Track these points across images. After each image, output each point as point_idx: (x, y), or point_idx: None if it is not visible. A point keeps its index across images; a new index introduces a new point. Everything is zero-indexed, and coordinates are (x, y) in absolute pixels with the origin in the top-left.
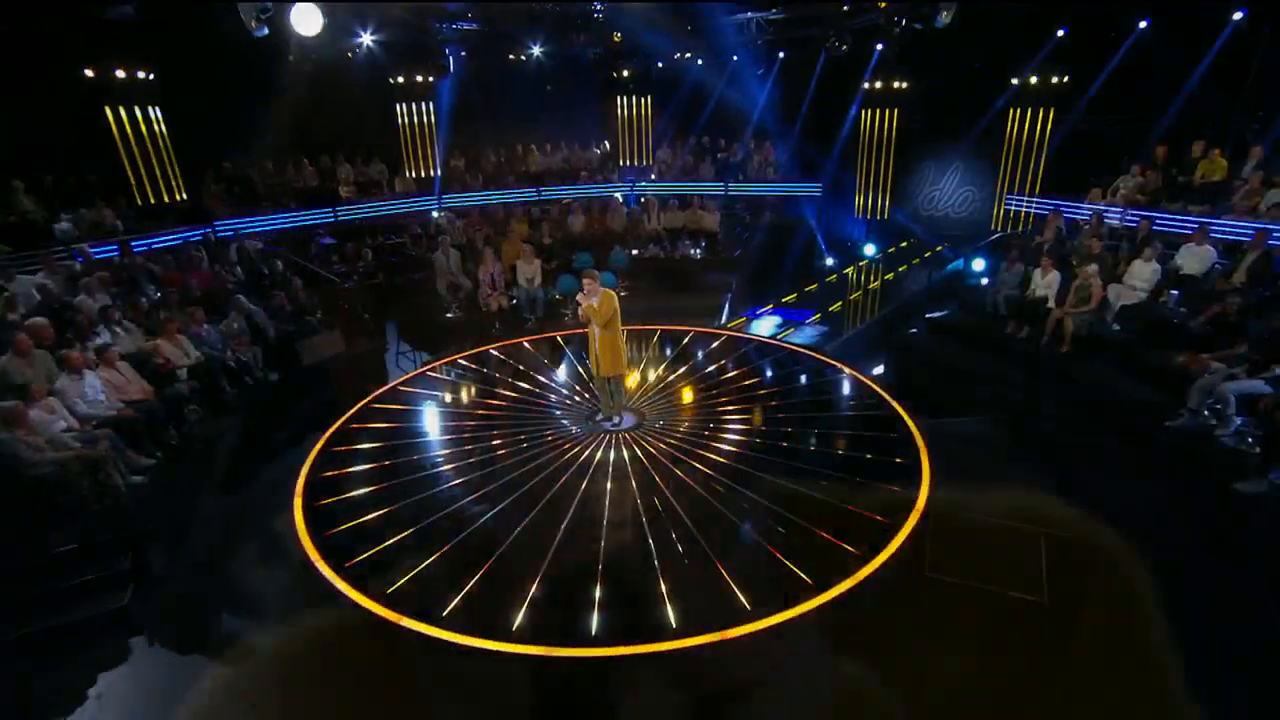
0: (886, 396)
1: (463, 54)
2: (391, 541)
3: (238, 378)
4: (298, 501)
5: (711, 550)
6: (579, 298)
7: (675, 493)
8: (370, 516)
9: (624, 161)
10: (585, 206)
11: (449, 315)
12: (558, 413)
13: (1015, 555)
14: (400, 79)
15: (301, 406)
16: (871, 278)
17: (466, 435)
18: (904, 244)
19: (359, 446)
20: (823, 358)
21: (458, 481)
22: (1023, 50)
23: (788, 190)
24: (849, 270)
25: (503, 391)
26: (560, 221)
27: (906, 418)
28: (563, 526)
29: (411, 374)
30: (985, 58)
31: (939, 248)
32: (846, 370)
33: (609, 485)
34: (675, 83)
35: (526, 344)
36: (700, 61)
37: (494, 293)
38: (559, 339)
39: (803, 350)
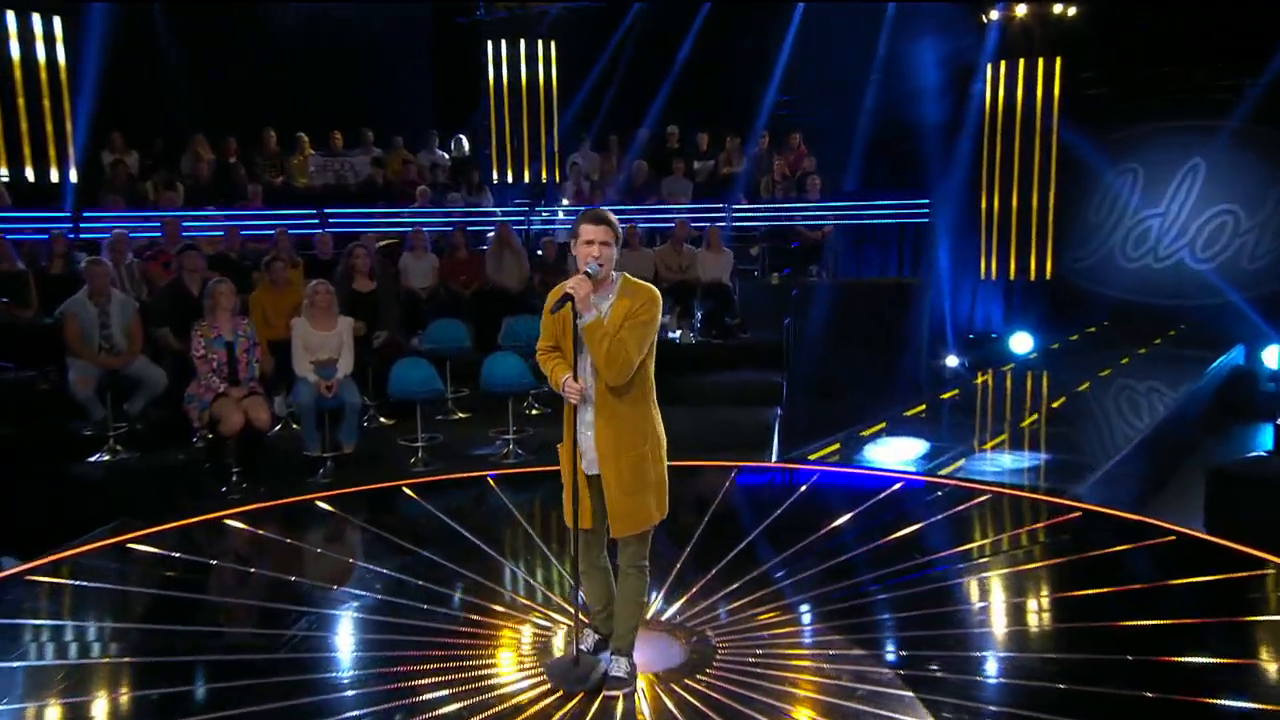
0: None
1: None
2: None
3: None
4: None
5: None
6: (579, 248)
7: None
8: None
9: (498, 175)
10: (450, 243)
11: (97, 458)
12: (448, 653)
13: None
14: None
15: None
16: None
17: None
18: (1092, 329)
19: None
20: (1096, 509)
21: None
22: None
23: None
24: (988, 375)
25: (268, 597)
26: (388, 267)
27: None
28: None
29: None
30: None
31: (1172, 332)
32: (1175, 529)
33: None
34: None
35: (324, 505)
36: None
37: (231, 393)
38: (407, 492)
39: (1033, 497)
